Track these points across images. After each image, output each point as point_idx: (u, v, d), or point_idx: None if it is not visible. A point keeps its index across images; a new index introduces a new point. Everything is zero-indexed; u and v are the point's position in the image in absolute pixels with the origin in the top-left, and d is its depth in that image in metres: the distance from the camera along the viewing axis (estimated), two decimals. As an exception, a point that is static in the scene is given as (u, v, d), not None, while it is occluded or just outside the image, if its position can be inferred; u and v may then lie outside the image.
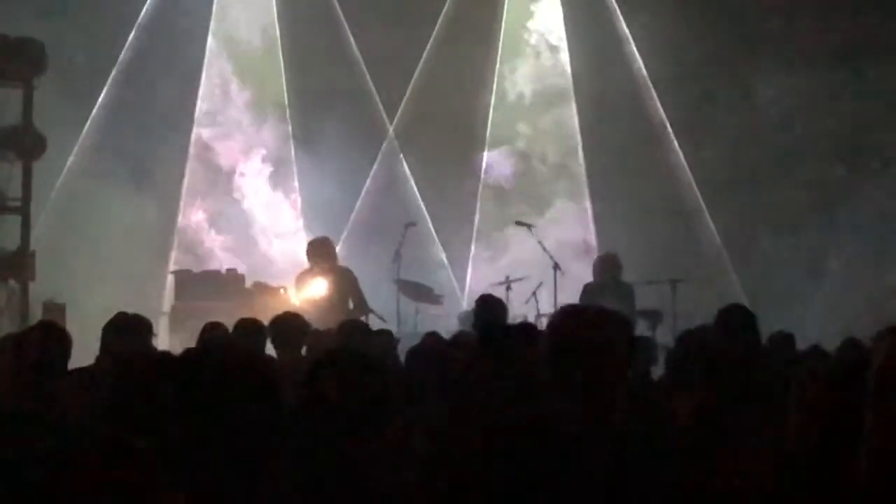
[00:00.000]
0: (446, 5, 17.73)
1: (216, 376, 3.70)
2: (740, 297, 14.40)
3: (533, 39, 18.16)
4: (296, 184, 17.60)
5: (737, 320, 7.31)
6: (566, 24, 17.98)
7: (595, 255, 15.31)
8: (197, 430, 3.57)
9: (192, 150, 17.46)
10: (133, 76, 16.91)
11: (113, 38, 16.90)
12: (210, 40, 17.56)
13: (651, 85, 17.37)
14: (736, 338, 6.73)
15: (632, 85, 17.39)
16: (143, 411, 4.10)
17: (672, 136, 17.31)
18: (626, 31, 17.51)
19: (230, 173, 17.57)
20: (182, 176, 17.37)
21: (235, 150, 17.62)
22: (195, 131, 17.51)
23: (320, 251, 13.45)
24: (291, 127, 17.70)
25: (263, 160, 17.57)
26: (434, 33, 17.70)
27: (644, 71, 17.39)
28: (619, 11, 17.54)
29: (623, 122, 17.20)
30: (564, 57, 17.98)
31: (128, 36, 17.01)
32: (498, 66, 18.04)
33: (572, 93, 17.82)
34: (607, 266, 13.99)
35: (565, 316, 4.23)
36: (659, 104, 17.34)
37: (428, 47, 17.69)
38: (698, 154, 17.08)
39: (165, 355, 5.21)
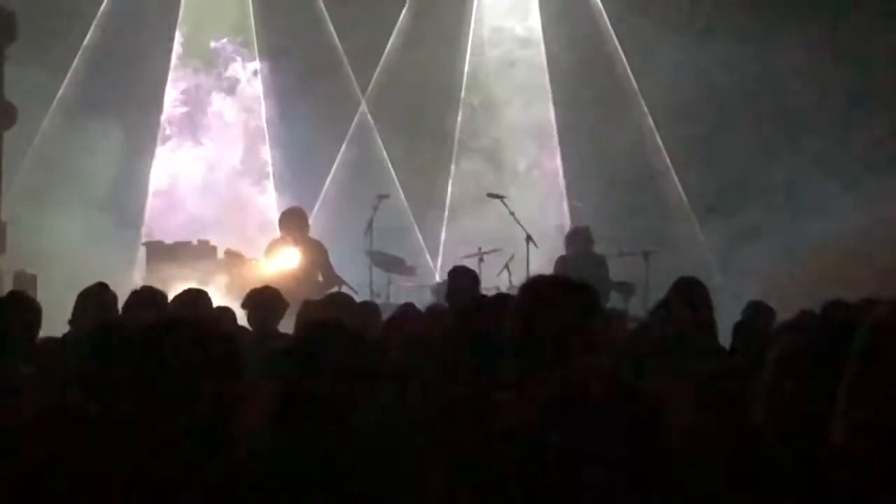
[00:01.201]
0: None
1: (177, 347, 3.69)
2: (709, 268, 14.54)
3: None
4: (268, 157, 17.62)
5: (689, 294, 7.36)
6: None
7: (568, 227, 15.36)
8: (158, 399, 3.57)
9: (164, 115, 17.43)
10: (104, 46, 16.86)
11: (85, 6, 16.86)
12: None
13: (622, 52, 17.41)
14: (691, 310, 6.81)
15: (602, 47, 17.44)
16: (109, 379, 4.09)
17: (644, 105, 17.34)
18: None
19: (199, 135, 17.60)
20: (154, 143, 17.32)
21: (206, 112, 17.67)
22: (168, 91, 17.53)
23: (293, 221, 13.44)
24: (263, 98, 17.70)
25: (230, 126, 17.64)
26: (406, 3, 17.70)
27: (615, 40, 17.41)
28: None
29: (592, 86, 17.19)
30: (535, 25, 18.01)
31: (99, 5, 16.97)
32: (471, 35, 18.03)
33: (545, 66, 17.87)
34: (579, 238, 14.03)
35: (534, 286, 4.23)
36: (630, 72, 17.37)
37: (401, 17, 17.67)
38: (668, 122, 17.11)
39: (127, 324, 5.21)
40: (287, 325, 8.58)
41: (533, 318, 4.03)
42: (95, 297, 7.76)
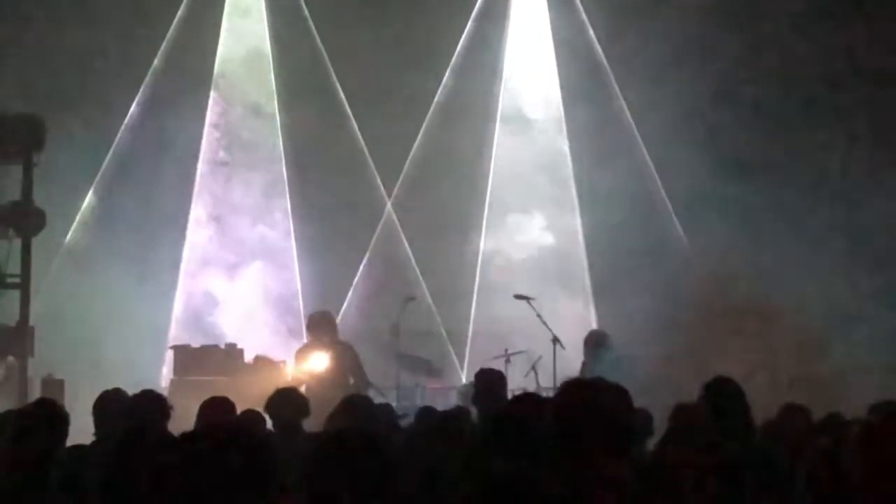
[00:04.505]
0: (443, 82, 17.87)
1: (214, 461, 3.70)
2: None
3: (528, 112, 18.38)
4: (295, 259, 17.71)
5: (723, 394, 7.30)
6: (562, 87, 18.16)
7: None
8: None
9: (191, 218, 17.59)
10: (132, 153, 17.08)
11: (111, 114, 17.06)
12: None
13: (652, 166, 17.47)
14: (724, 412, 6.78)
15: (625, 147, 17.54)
16: (140, 489, 4.10)
17: (671, 211, 17.36)
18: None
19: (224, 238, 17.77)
20: (181, 246, 17.45)
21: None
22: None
23: (321, 325, 13.40)
24: (290, 201, 17.83)
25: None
26: (431, 107, 17.83)
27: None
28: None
29: (622, 198, 17.20)
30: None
31: (126, 113, 17.19)
32: (497, 136, 18.16)
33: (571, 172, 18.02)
34: (595, 342, 13.62)
35: (570, 391, 4.22)
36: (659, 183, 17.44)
37: (427, 117, 17.80)
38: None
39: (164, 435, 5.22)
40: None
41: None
42: (113, 404, 7.74)
